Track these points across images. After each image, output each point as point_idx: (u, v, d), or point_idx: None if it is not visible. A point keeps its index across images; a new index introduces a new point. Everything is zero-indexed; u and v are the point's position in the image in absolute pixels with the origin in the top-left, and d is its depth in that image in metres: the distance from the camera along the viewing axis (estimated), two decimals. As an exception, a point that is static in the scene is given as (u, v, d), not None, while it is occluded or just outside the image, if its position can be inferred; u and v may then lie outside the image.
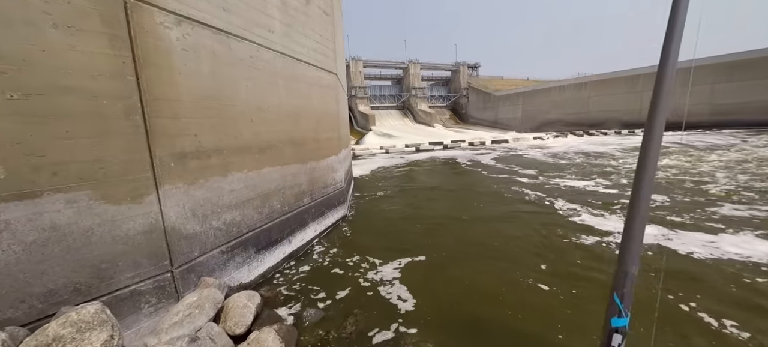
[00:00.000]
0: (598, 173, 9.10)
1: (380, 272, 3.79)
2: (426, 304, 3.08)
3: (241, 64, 3.38)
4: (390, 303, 3.13)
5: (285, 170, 4.20)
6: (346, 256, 4.33)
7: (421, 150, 20.29)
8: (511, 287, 3.28)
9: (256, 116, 3.63)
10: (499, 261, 3.89)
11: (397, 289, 3.38)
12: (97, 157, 2.24)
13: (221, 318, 2.73)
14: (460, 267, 3.80)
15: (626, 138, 21.64)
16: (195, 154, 2.90)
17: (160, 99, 2.59)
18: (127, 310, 2.42)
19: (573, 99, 34.27)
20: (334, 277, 3.76)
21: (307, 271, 3.92)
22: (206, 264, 3.02)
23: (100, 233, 2.28)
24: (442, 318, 2.86)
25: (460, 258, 4.03)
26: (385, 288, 3.41)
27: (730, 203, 5.52)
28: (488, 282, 3.43)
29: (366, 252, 4.38)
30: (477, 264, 3.86)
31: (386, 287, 3.44)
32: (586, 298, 2.99)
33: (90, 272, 2.25)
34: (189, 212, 2.85)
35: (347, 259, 4.23)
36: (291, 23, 4.25)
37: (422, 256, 4.16)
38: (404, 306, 3.07)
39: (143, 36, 2.46)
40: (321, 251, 4.51)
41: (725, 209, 5.23)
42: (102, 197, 2.28)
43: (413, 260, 4.06)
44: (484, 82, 46.60)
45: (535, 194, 7.09)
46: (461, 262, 3.92)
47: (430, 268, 3.83)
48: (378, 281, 3.58)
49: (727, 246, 3.90)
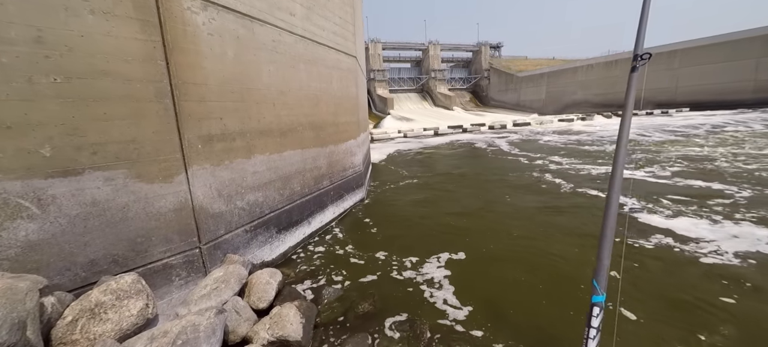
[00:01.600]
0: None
1: (396, 255, 3.87)
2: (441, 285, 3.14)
3: (263, 48, 3.43)
4: (405, 285, 3.20)
5: (305, 154, 4.28)
6: (364, 238, 4.43)
7: (439, 134, 20.08)
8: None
9: (278, 100, 3.70)
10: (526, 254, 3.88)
11: (413, 272, 3.45)
12: (131, 137, 2.37)
13: (245, 293, 2.88)
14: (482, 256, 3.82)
15: (659, 118, 20.18)
16: (220, 136, 3.01)
17: (188, 83, 2.69)
18: (160, 282, 2.60)
19: (601, 79, 32.64)
20: (352, 258, 3.87)
21: (326, 252, 4.05)
22: (231, 242, 3.17)
23: (135, 209, 2.44)
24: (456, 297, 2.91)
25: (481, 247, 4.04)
26: (400, 271, 3.49)
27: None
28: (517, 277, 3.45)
29: (382, 235, 4.47)
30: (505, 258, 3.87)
31: (402, 269, 3.51)
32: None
33: (126, 245, 2.42)
34: (215, 192, 2.98)
35: (364, 241, 4.33)
36: (312, 6, 4.24)
37: (440, 239, 4.20)
38: (420, 289, 3.14)
39: (172, 21, 2.53)
40: (339, 233, 4.62)
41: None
42: (136, 176, 2.42)
43: (429, 244, 4.10)
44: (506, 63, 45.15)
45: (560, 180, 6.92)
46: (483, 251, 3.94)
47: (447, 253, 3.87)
48: (394, 263, 3.66)
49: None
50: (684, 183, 6.12)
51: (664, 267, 3.28)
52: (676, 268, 3.26)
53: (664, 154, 9.16)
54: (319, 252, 4.04)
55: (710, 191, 5.55)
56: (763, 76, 22.30)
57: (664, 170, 7.20)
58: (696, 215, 4.52)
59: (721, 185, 5.77)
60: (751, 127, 13.84)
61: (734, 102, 23.14)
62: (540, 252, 3.75)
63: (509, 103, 41.97)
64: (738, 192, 5.33)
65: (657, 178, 6.63)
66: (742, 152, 8.70)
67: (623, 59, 30.58)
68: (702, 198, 5.16)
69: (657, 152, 9.51)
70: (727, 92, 23.95)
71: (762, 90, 22.28)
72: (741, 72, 23.28)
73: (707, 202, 4.97)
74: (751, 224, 4.08)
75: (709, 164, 7.58)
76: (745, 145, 9.68)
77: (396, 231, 4.61)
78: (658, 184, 6.18)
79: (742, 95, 23.15)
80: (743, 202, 4.87)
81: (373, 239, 4.38)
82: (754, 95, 22.61)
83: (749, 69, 22.89)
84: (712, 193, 5.42)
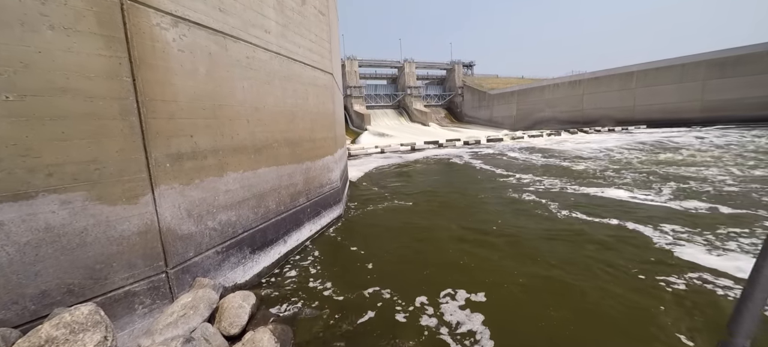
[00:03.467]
0: (590, 175, 9.22)
1: (375, 271, 3.83)
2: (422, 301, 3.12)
3: (237, 64, 3.39)
4: (384, 303, 3.16)
5: (281, 170, 4.21)
6: (341, 256, 4.36)
7: (416, 149, 20.35)
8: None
9: (252, 117, 3.63)
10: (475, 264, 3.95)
11: (393, 288, 3.41)
12: (92, 158, 2.24)
13: (216, 319, 2.74)
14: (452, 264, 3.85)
15: (621, 135, 21.45)
16: (191, 154, 2.90)
17: (157, 100, 2.60)
18: (122, 311, 2.42)
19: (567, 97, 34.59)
20: (330, 276, 3.79)
21: (303, 271, 3.94)
22: (201, 265, 3.03)
23: (94, 233, 2.28)
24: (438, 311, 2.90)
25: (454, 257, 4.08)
26: (379, 287, 3.45)
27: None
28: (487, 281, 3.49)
29: (361, 252, 4.42)
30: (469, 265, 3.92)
31: (380, 286, 3.47)
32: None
33: (84, 273, 2.25)
34: (184, 213, 2.85)
35: (342, 259, 4.26)
36: (287, 24, 4.25)
37: (416, 254, 4.20)
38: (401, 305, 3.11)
39: (139, 37, 2.46)
40: (316, 251, 4.53)
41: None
42: (97, 198, 2.28)
43: (407, 259, 4.10)
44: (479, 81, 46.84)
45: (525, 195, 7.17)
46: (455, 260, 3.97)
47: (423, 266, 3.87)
48: (373, 280, 3.62)
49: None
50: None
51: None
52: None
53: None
54: (295, 271, 3.92)
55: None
56: (708, 96, 24.52)
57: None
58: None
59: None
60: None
61: (685, 120, 25.18)
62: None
63: (482, 119, 43.39)
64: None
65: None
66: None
67: (586, 79, 32.64)
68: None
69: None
70: (678, 111, 26.04)
71: (708, 110, 24.49)
72: (690, 93, 25.47)
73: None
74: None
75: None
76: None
77: (373, 247, 4.57)
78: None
79: (691, 113, 25.27)
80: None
81: (350, 256, 4.32)
82: (701, 114, 24.78)
83: (696, 90, 25.12)
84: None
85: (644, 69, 28.11)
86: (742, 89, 22.82)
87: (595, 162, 11.21)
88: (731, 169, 8.44)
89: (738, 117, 22.82)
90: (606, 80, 30.88)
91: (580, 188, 7.52)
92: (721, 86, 23.86)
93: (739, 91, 23.00)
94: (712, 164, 9.23)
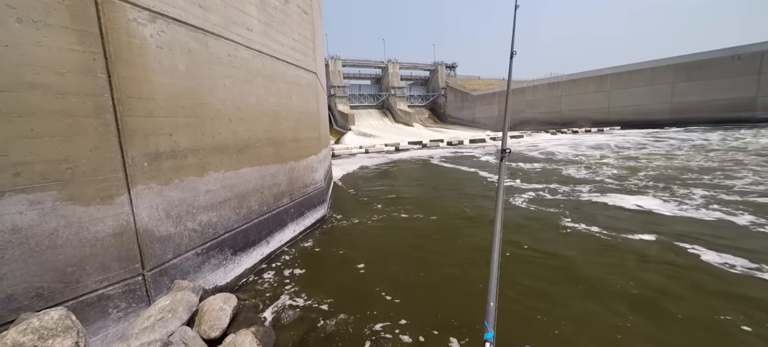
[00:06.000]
0: (567, 175, 9.52)
1: (360, 272, 3.84)
2: (403, 302, 3.15)
3: (218, 62, 3.32)
4: (369, 304, 3.17)
5: (264, 170, 4.15)
6: (325, 257, 4.34)
7: (400, 150, 20.45)
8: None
9: (234, 115, 3.57)
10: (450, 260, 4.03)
11: (378, 288, 3.43)
12: (64, 156, 2.15)
13: (196, 322, 2.68)
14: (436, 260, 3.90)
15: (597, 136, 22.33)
16: (170, 153, 2.82)
17: (134, 97, 2.52)
18: (95, 315, 2.33)
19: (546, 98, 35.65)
20: (314, 277, 3.76)
21: (286, 272, 3.90)
22: (180, 267, 2.95)
23: (66, 235, 2.19)
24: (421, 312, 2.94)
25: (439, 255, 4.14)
26: (364, 287, 3.46)
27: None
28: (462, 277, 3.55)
29: (345, 253, 4.41)
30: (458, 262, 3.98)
31: (366, 286, 3.48)
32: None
33: (54, 276, 2.15)
34: (163, 213, 2.78)
35: (326, 260, 4.25)
36: (269, 22, 4.20)
37: (400, 255, 4.24)
38: (384, 305, 3.13)
39: (115, 32, 2.38)
40: (300, 252, 4.49)
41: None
42: (69, 198, 2.19)
43: (392, 259, 4.12)
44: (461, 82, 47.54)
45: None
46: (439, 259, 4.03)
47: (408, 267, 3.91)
48: (357, 281, 3.62)
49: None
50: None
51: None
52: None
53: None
54: (278, 273, 3.88)
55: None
56: (677, 99, 25.84)
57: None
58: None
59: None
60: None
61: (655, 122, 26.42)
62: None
63: (465, 119, 44.06)
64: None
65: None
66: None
67: (564, 81, 33.69)
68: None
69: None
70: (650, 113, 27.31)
71: (677, 111, 25.81)
72: (660, 95, 26.75)
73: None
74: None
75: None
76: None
77: (358, 247, 4.57)
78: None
79: (662, 115, 26.53)
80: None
81: (335, 257, 4.31)
82: (671, 115, 26.06)
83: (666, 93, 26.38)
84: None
85: (618, 72, 29.31)
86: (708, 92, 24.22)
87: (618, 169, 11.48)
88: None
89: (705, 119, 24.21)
90: (582, 83, 32.01)
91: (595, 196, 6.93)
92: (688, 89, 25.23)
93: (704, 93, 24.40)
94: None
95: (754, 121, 21.92)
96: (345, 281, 3.65)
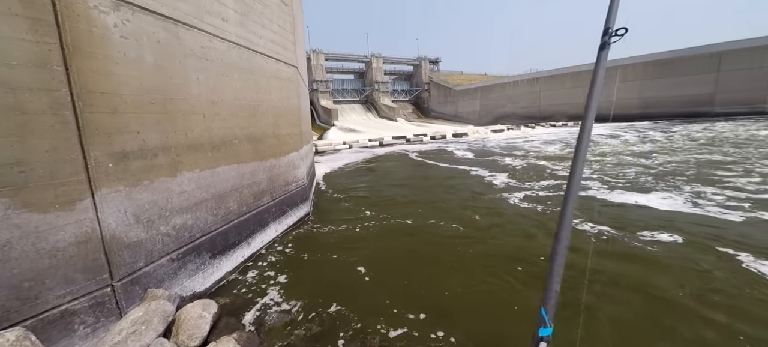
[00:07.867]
0: (549, 168, 9.70)
1: (344, 270, 3.74)
2: (390, 298, 3.08)
3: (191, 54, 3.11)
4: (355, 302, 3.08)
5: (242, 169, 3.96)
6: (309, 256, 4.21)
7: (384, 145, 20.34)
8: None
9: (209, 111, 3.37)
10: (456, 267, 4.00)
11: (363, 286, 3.35)
12: (16, 159, 1.94)
13: (173, 332, 2.53)
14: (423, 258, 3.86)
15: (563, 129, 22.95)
16: (138, 153, 2.62)
17: (95, 92, 2.30)
18: (58, 334, 2.13)
19: (526, 94, 36.46)
20: (298, 278, 3.64)
21: (269, 274, 3.75)
22: (154, 274, 2.76)
23: (21, 247, 1.98)
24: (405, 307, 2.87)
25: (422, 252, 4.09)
26: (350, 286, 3.36)
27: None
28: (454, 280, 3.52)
29: (329, 251, 4.29)
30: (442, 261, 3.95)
31: (350, 285, 3.39)
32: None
33: (9, 293, 1.95)
34: (132, 218, 2.58)
35: (310, 259, 4.12)
36: (246, 12, 3.99)
37: (384, 252, 4.16)
38: (369, 302, 3.04)
39: (73, 20, 2.16)
40: (283, 252, 4.34)
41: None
42: (23, 205, 1.98)
43: (376, 256, 4.05)
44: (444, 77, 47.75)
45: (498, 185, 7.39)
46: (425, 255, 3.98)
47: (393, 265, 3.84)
48: (342, 280, 3.52)
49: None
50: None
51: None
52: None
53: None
54: (261, 275, 3.72)
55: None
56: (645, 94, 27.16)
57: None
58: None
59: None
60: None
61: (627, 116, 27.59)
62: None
63: (448, 114, 44.38)
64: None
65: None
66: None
67: (543, 77, 34.50)
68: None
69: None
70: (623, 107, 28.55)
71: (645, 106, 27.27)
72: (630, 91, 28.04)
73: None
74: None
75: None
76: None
77: (342, 245, 4.46)
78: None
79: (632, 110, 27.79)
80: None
81: (319, 256, 4.18)
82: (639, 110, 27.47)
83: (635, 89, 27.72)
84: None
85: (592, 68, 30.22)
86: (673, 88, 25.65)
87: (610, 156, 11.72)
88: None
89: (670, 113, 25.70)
90: (560, 78, 32.90)
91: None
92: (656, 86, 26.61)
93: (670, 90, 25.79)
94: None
95: (712, 115, 23.62)
96: (329, 280, 3.55)
